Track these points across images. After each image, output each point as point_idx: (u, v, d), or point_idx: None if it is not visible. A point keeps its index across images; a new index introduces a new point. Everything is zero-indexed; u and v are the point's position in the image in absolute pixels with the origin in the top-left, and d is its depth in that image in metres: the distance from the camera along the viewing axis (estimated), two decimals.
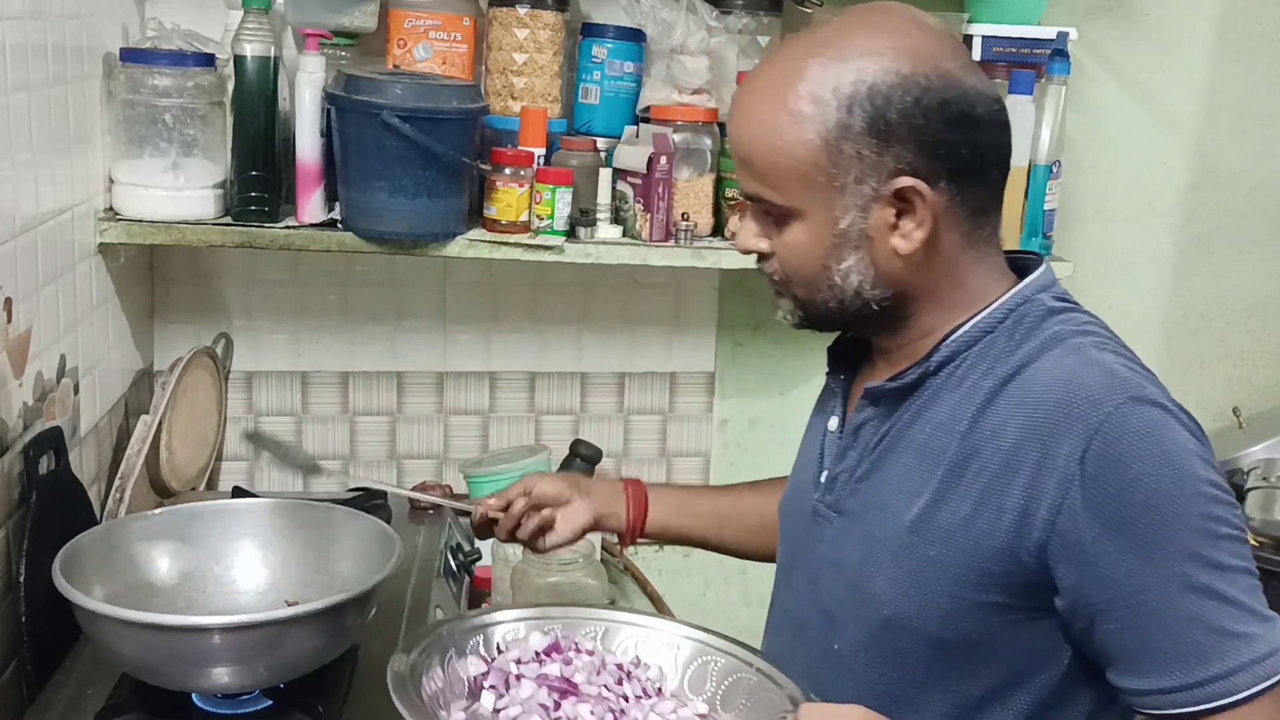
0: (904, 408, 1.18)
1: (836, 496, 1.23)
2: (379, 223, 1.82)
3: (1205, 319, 2.46)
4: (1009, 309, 1.15)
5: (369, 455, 2.24)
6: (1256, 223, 2.42)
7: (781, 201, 1.13)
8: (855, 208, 1.11)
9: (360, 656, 1.47)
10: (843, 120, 1.08)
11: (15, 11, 1.47)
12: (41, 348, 1.56)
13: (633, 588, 2.31)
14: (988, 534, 1.09)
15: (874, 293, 1.14)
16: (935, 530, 1.12)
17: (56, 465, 1.55)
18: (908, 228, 1.11)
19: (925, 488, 1.14)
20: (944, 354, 1.16)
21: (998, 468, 1.09)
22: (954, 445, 1.12)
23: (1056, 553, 1.07)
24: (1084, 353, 1.11)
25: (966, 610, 1.12)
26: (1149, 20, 2.30)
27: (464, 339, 2.23)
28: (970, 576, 1.11)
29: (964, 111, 1.10)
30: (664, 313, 2.28)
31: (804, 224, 1.13)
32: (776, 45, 2.06)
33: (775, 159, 1.11)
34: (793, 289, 1.18)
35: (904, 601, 1.14)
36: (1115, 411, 1.05)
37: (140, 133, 1.80)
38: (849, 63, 1.09)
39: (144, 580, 1.46)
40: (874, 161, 1.09)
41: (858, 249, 1.12)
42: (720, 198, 1.99)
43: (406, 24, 1.92)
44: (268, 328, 2.17)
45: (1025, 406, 1.09)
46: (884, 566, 1.16)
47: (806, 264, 1.15)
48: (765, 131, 1.12)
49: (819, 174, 1.10)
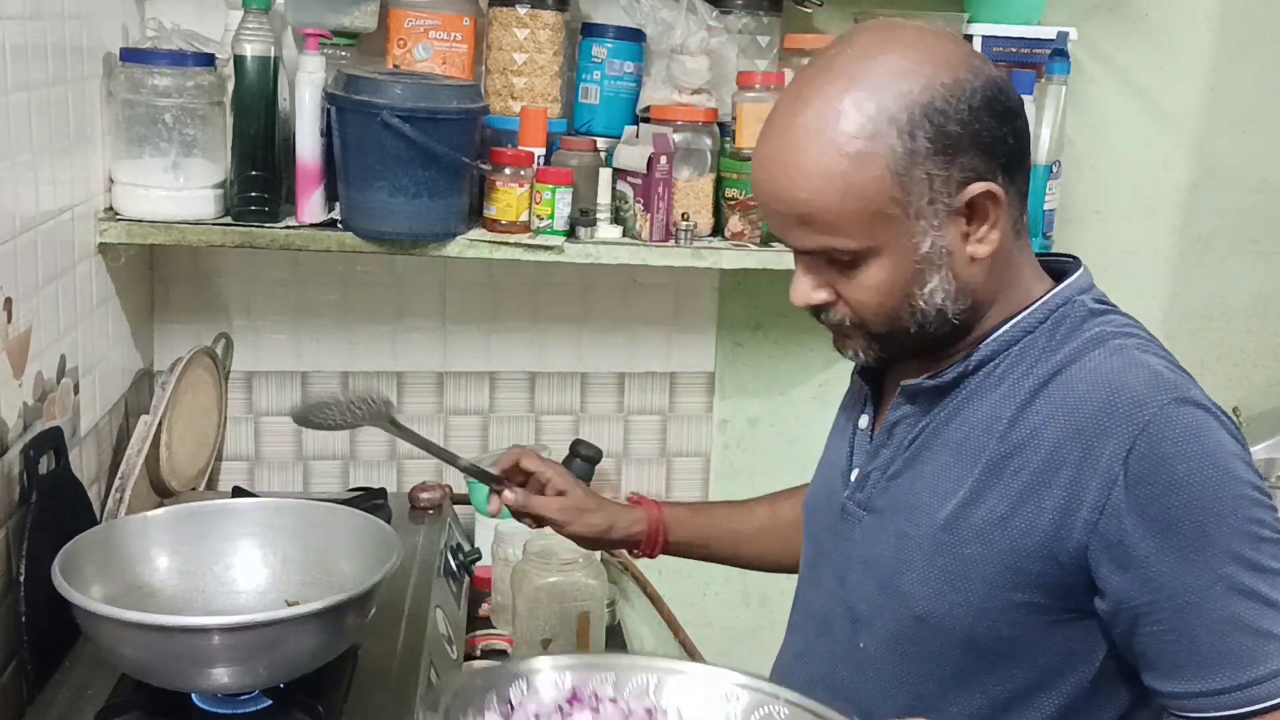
0: (940, 406, 1.17)
1: (868, 494, 1.22)
2: (379, 223, 1.82)
3: (1205, 319, 2.45)
4: (1050, 310, 1.15)
5: (369, 455, 2.24)
6: (1256, 223, 2.42)
7: (856, 245, 1.09)
8: (932, 229, 1.08)
9: (360, 656, 1.47)
10: (908, 146, 1.06)
11: (15, 11, 1.47)
12: (41, 348, 1.56)
13: (633, 588, 2.31)
14: (1025, 533, 1.09)
15: (956, 307, 1.12)
16: (971, 528, 1.12)
17: (56, 465, 1.55)
18: (982, 231, 1.10)
19: (961, 485, 1.13)
20: (983, 353, 1.15)
21: (1038, 466, 1.09)
22: (992, 444, 1.12)
23: (1098, 554, 1.06)
24: (1127, 354, 1.11)
25: (1000, 609, 1.11)
26: (1149, 20, 2.30)
27: (464, 339, 2.23)
28: (1006, 575, 1.10)
29: (1004, 103, 1.09)
30: (664, 313, 2.28)
31: (882, 260, 1.10)
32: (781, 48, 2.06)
33: (845, 206, 1.07)
34: (869, 328, 1.15)
35: (937, 600, 1.13)
36: (1160, 412, 1.05)
37: (140, 133, 1.80)
38: (888, 89, 1.06)
39: (144, 580, 1.46)
40: (943, 178, 1.07)
41: (940, 268, 1.10)
42: (720, 198, 1.99)
43: (406, 24, 1.92)
44: (268, 328, 2.17)
45: (1067, 406, 1.09)
46: (916, 565, 1.15)
47: (888, 299, 1.11)
48: (826, 182, 1.07)
49: (893, 207, 1.07)
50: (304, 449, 2.22)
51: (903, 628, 1.17)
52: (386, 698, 1.43)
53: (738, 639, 2.37)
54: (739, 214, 1.96)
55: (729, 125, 1.99)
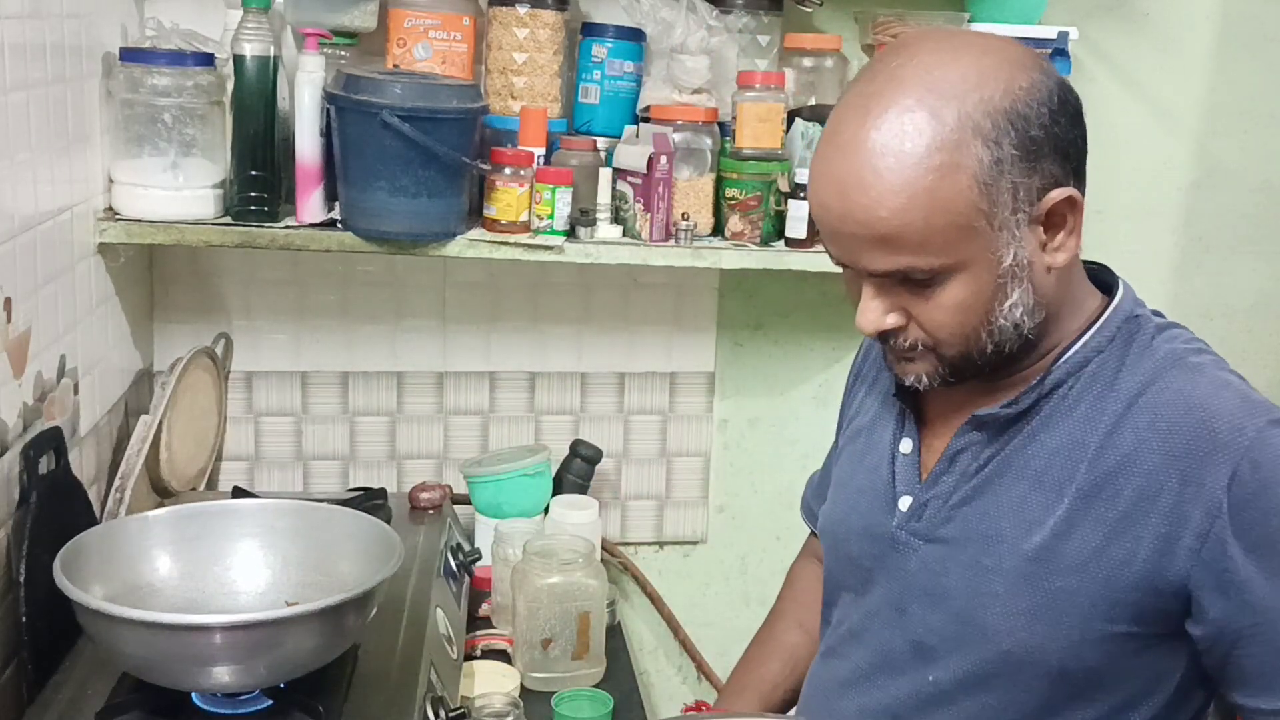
0: (1012, 433, 1.14)
1: (927, 524, 1.18)
2: (379, 222, 1.82)
3: (1205, 319, 2.45)
4: (1116, 326, 1.13)
5: (369, 455, 2.24)
6: (1256, 223, 2.42)
7: (940, 263, 1.04)
8: (1015, 240, 1.05)
9: (360, 656, 1.47)
10: (995, 156, 1.02)
11: (15, 11, 1.47)
12: (41, 348, 1.55)
13: (633, 588, 2.31)
14: (1123, 563, 1.07)
15: (1032, 321, 1.09)
16: (1063, 560, 1.09)
17: (56, 465, 1.54)
18: (1060, 239, 1.07)
19: (1049, 516, 1.10)
20: (1057, 376, 1.12)
21: (1134, 495, 1.07)
22: (1081, 471, 1.09)
23: (1201, 581, 1.05)
24: (1208, 373, 1.09)
25: (1095, 642, 1.09)
26: (1149, 20, 2.30)
27: (464, 339, 2.23)
28: (1101, 608, 1.08)
29: (1074, 104, 1.07)
30: (664, 313, 2.28)
31: (964, 277, 1.05)
32: (781, 48, 2.06)
33: (930, 222, 1.02)
34: (941, 350, 1.10)
35: (1026, 634, 1.11)
36: (1259, 436, 1.03)
37: (139, 132, 1.80)
38: (968, 96, 1.02)
39: (144, 580, 1.45)
40: (1026, 186, 1.04)
41: (1021, 281, 1.07)
42: (720, 198, 1.99)
43: (406, 23, 1.92)
44: (268, 328, 2.17)
45: (1159, 431, 1.07)
46: (1000, 597, 1.12)
47: (969, 317, 1.07)
48: (910, 199, 1.02)
49: (979, 219, 1.03)
50: (304, 449, 2.21)
51: (985, 662, 1.14)
52: (386, 698, 1.43)
53: (738, 639, 2.34)
54: (739, 214, 1.96)
55: (729, 125, 1.99)
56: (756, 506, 2.37)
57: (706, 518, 2.37)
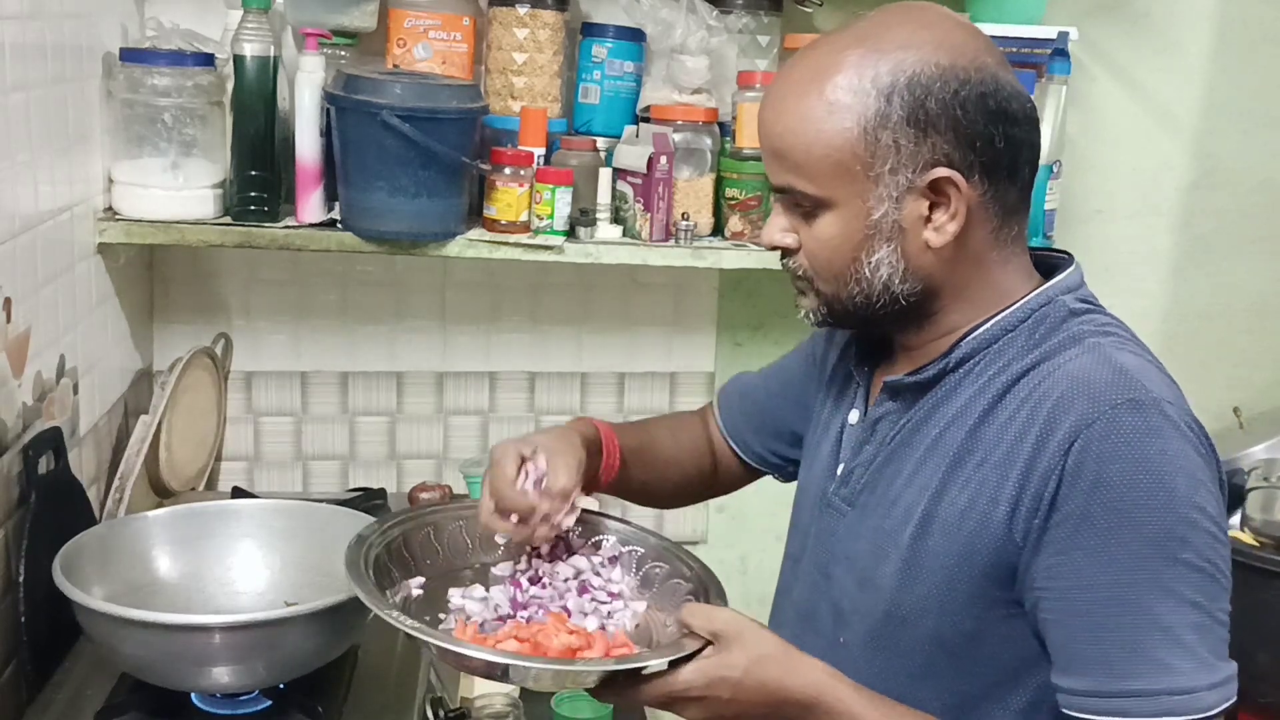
0: (921, 403, 1.18)
1: (851, 490, 1.23)
2: (379, 222, 1.82)
3: (1205, 319, 2.45)
4: (1031, 309, 1.15)
5: (369, 455, 2.24)
6: (1256, 223, 2.42)
7: (815, 192, 1.12)
8: (889, 198, 1.10)
9: (360, 656, 1.47)
10: (881, 109, 1.08)
11: (15, 11, 1.47)
12: (41, 348, 1.55)
13: None
14: (982, 525, 1.10)
15: (902, 287, 1.14)
16: (936, 522, 1.13)
17: (56, 465, 1.54)
18: (940, 220, 1.11)
19: (932, 482, 1.14)
20: (964, 351, 1.16)
21: (997, 460, 1.10)
22: (961, 439, 1.13)
23: (1028, 542, 1.07)
24: (1099, 351, 1.11)
25: (962, 604, 1.12)
26: (1149, 20, 2.30)
27: (464, 339, 2.23)
28: (964, 569, 1.11)
29: (1001, 106, 1.10)
30: (664, 313, 2.28)
31: (836, 215, 1.12)
32: (781, 48, 2.07)
33: (811, 148, 1.11)
34: (818, 284, 1.17)
35: (902, 593, 1.15)
36: (1110, 411, 1.05)
37: (139, 132, 1.80)
38: (888, 54, 1.09)
39: (144, 580, 1.45)
40: (911, 151, 1.09)
41: (889, 241, 1.12)
42: (720, 198, 1.99)
43: (406, 23, 1.92)
44: (267, 328, 2.17)
45: (1032, 401, 1.10)
46: (890, 559, 1.17)
47: (836, 257, 1.14)
48: (801, 122, 1.11)
49: (855, 163, 1.10)
50: (303, 449, 2.21)
51: (875, 623, 1.18)
52: (386, 698, 1.43)
53: None
54: (739, 214, 1.96)
55: (729, 125, 1.99)
56: (756, 506, 2.37)
57: (706, 518, 2.37)
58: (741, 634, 1.10)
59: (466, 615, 1.23)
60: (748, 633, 1.10)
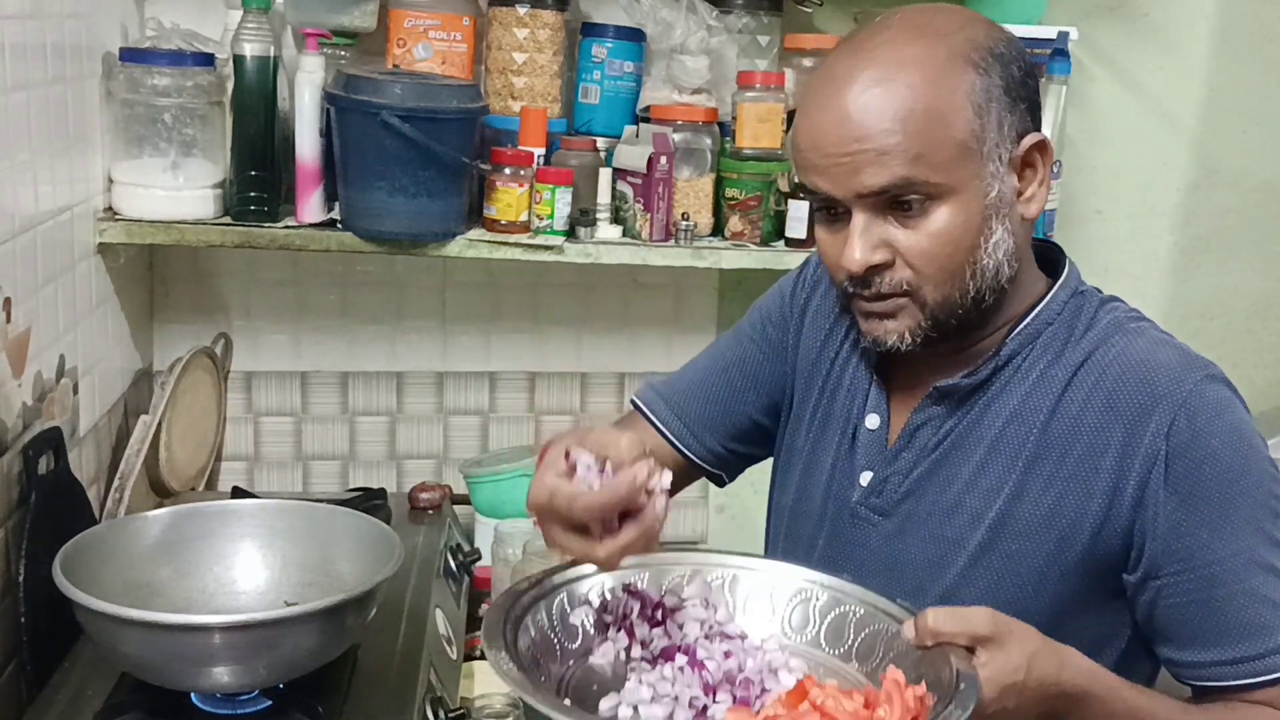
0: (967, 406, 1.16)
1: (886, 499, 1.20)
2: (379, 223, 1.82)
3: (1205, 319, 2.45)
4: (1064, 300, 1.16)
5: (369, 456, 2.24)
6: (1256, 223, 2.42)
7: (938, 179, 1.05)
8: (999, 175, 1.08)
9: (360, 656, 1.47)
10: (985, 82, 1.06)
11: (15, 11, 1.47)
12: (41, 348, 1.55)
13: None
14: (1075, 523, 1.10)
15: (1009, 268, 1.11)
16: (1016, 525, 1.12)
17: (56, 465, 1.54)
18: (1032, 189, 1.10)
19: (1004, 483, 1.13)
20: (1012, 347, 1.15)
21: (1081, 453, 1.10)
22: (1033, 438, 1.12)
23: (1140, 529, 1.08)
24: (1148, 334, 1.13)
25: (1046, 601, 1.12)
26: (1149, 20, 2.30)
27: (464, 339, 2.23)
28: (1054, 568, 1.11)
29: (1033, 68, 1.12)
30: (664, 313, 2.28)
31: (955, 202, 1.06)
32: (781, 48, 2.06)
33: (933, 133, 1.05)
34: (925, 293, 1.09)
35: (985, 598, 1.10)
36: (1196, 388, 1.08)
37: (139, 132, 1.80)
38: (954, 35, 1.07)
39: (144, 580, 1.45)
40: (1010, 122, 1.08)
41: (1004, 219, 1.09)
42: (720, 198, 1.99)
43: (406, 23, 1.92)
44: (267, 328, 2.17)
45: (1103, 390, 1.10)
46: (959, 567, 1.14)
47: (958, 249, 1.07)
48: (911, 112, 1.04)
49: (973, 141, 1.06)
50: (303, 449, 2.21)
51: None
52: (386, 698, 1.43)
53: None
54: (739, 214, 1.96)
55: (729, 125, 1.99)
56: (756, 506, 2.35)
57: (706, 518, 2.37)
58: (1012, 632, 0.99)
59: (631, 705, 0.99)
60: (1016, 629, 1.00)
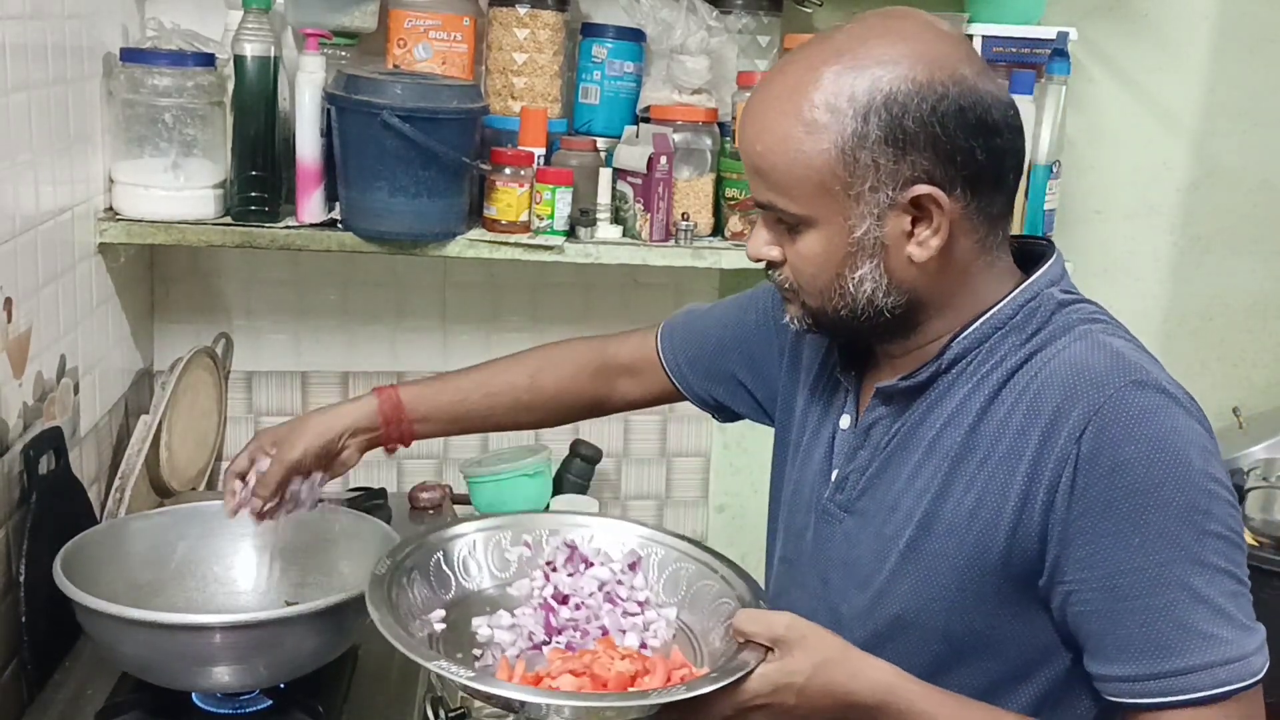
0: (914, 406, 1.18)
1: (847, 496, 1.23)
2: (379, 223, 1.82)
3: (1205, 319, 2.46)
4: (1019, 305, 1.15)
5: (369, 455, 2.22)
6: (1256, 223, 2.42)
7: (796, 210, 1.12)
8: (871, 216, 1.10)
9: (360, 656, 1.47)
10: (859, 129, 1.07)
11: (15, 11, 1.47)
12: (41, 348, 1.56)
13: None
14: (991, 524, 1.10)
15: (887, 300, 1.13)
16: (941, 523, 1.13)
17: (56, 465, 1.54)
18: (924, 235, 1.11)
19: (933, 482, 1.14)
20: (955, 351, 1.16)
21: (1002, 455, 1.10)
22: (960, 438, 1.13)
23: (1049, 534, 1.07)
24: (1091, 338, 1.11)
25: (972, 603, 1.12)
26: (1149, 20, 2.30)
27: (464, 339, 2.23)
28: (974, 568, 1.11)
29: (981, 118, 1.09)
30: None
31: (818, 233, 1.12)
32: (781, 48, 2.07)
33: (791, 169, 1.10)
34: (803, 297, 1.17)
35: (911, 597, 1.15)
36: (1116, 394, 1.05)
37: (140, 132, 1.80)
38: (865, 71, 1.08)
39: (144, 580, 1.46)
40: (890, 170, 1.08)
41: (872, 258, 1.11)
42: (720, 198, 1.99)
43: (406, 24, 1.92)
44: (268, 328, 2.17)
45: (1030, 393, 1.10)
46: (891, 563, 1.16)
47: (820, 273, 1.14)
48: (780, 142, 1.10)
49: (835, 183, 1.09)
50: None
51: (880, 626, 1.18)
52: (386, 698, 1.43)
53: None
54: (739, 214, 1.96)
55: (729, 125, 2.00)
56: (756, 506, 2.36)
57: (706, 518, 2.37)
58: (805, 638, 1.09)
59: (501, 648, 1.20)
60: (811, 636, 1.10)
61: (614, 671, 1.12)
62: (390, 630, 1.12)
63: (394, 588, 1.21)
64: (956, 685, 1.15)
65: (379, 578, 1.20)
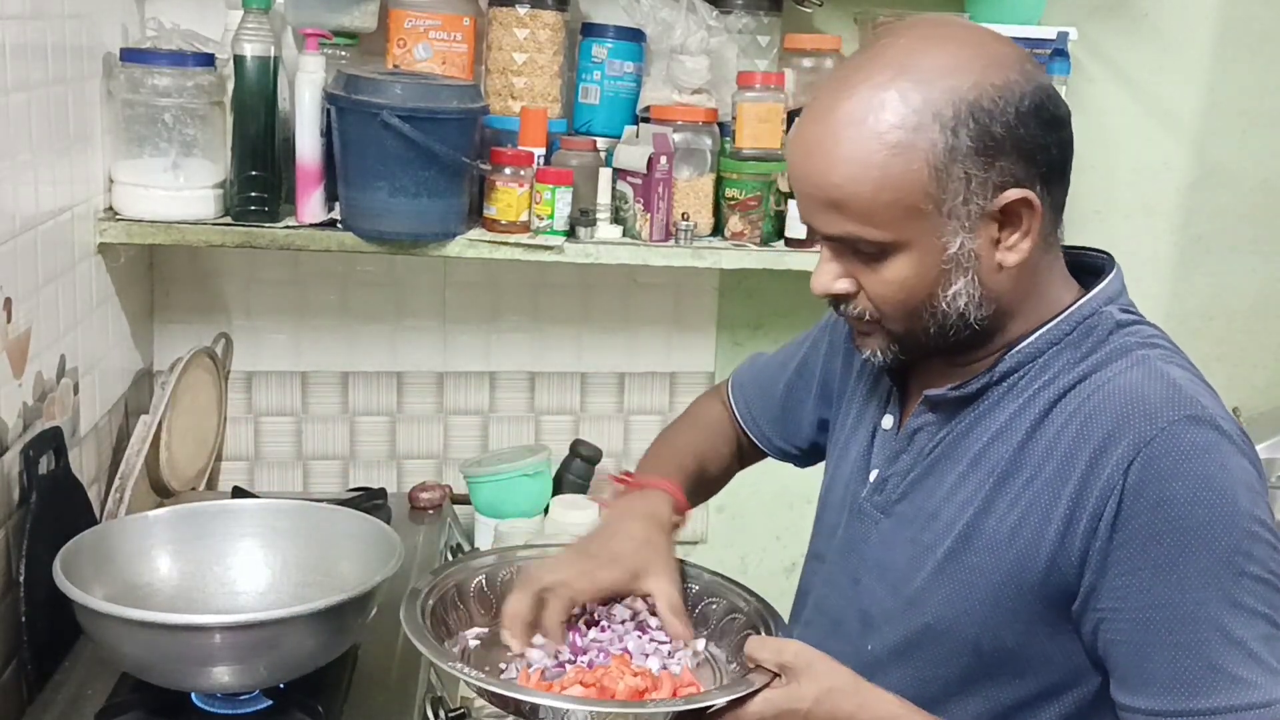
0: (962, 416, 1.16)
1: (886, 498, 1.21)
2: (379, 223, 1.82)
3: (1205, 319, 2.46)
4: (1076, 321, 1.14)
5: (369, 455, 2.24)
6: (1256, 223, 2.42)
7: (882, 237, 1.07)
8: (964, 230, 1.07)
9: (360, 656, 1.47)
10: (949, 143, 1.04)
11: (15, 11, 1.47)
12: (41, 348, 1.56)
13: None
14: (1032, 544, 1.08)
15: (979, 313, 1.10)
16: (981, 538, 1.11)
17: (56, 465, 1.55)
18: (1013, 240, 1.09)
19: (976, 496, 1.13)
20: (1008, 364, 1.14)
21: (1048, 477, 1.08)
22: (1008, 455, 1.11)
23: (1088, 561, 1.06)
24: (1148, 364, 1.09)
25: (1004, 620, 1.11)
26: (1149, 20, 2.30)
27: (464, 339, 2.23)
28: (1010, 586, 1.10)
29: (1051, 111, 1.08)
30: (664, 313, 2.28)
31: (908, 256, 1.08)
32: (781, 48, 2.07)
33: (878, 195, 1.05)
34: (888, 324, 1.13)
35: (944, 607, 1.14)
36: (1169, 427, 1.03)
37: (140, 132, 1.80)
38: (936, 83, 1.04)
39: (144, 580, 1.46)
40: (981, 179, 1.05)
41: (966, 272, 1.08)
42: (720, 198, 1.99)
43: (406, 24, 1.92)
44: (268, 328, 2.17)
45: (1082, 416, 1.08)
46: (927, 571, 1.15)
47: (910, 297, 1.09)
48: (862, 170, 1.05)
49: (927, 202, 1.05)
50: (304, 449, 2.22)
51: (911, 633, 1.17)
52: (386, 698, 1.43)
53: None
54: (739, 214, 1.96)
55: (729, 125, 2.00)
56: (756, 506, 2.37)
57: (706, 518, 2.37)
58: (811, 665, 1.09)
59: (528, 663, 1.19)
60: (818, 664, 1.09)
61: (622, 685, 1.13)
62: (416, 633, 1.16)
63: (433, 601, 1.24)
64: (984, 700, 1.14)
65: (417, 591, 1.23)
